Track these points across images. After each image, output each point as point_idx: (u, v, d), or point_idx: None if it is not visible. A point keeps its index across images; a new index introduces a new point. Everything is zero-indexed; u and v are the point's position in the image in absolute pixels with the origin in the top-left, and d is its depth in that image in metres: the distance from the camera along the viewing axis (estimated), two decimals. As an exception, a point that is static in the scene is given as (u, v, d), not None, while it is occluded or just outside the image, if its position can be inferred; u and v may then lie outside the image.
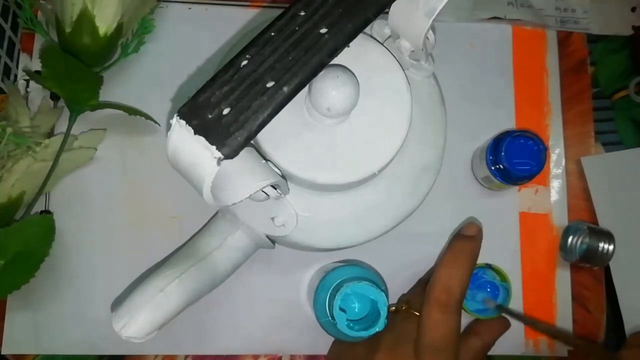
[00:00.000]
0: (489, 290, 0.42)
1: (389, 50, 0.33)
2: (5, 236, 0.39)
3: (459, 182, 0.47)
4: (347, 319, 0.36)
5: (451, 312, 0.36)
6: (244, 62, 0.26)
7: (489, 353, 0.42)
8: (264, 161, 0.30)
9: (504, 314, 0.42)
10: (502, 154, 0.43)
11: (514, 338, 0.45)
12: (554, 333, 0.45)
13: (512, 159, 0.43)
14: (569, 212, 0.48)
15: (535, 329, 0.45)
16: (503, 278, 0.42)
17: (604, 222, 0.47)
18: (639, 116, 0.50)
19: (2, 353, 0.42)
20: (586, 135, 0.49)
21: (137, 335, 0.34)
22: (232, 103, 0.25)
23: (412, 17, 0.31)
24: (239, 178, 0.28)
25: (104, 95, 0.43)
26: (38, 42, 0.47)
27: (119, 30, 0.43)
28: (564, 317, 0.46)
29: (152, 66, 0.47)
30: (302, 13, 0.27)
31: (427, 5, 0.30)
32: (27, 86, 0.46)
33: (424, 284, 0.39)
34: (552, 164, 0.48)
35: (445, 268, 0.37)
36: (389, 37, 0.35)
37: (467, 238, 0.39)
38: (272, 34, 0.26)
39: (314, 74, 0.26)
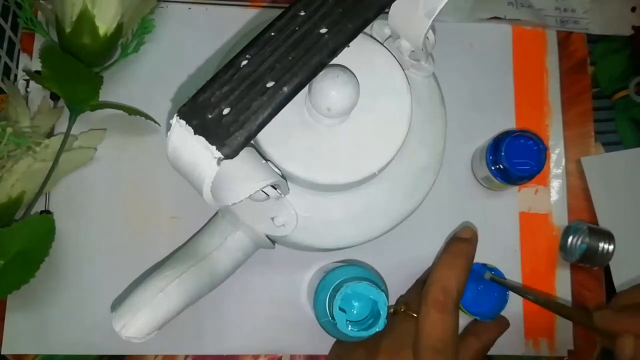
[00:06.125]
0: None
1: (389, 50, 0.33)
2: (5, 236, 0.39)
3: (459, 182, 0.47)
4: (347, 319, 0.36)
5: (449, 312, 0.36)
6: (244, 62, 0.26)
7: (489, 353, 0.42)
8: (264, 161, 0.30)
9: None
10: (502, 154, 0.43)
11: (514, 338, 0.45)
12: (549, 306, 0.43)
13: (512, 159, 0.43)
14: (569, 212, 0.48)
15: (531, 300, 0.43)
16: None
17: (604, 222, 0.47)
18: (639, 116, 0.50)
19: (2, 353, 0.42)
20: (586, 135, 0.49)
21: (137, 335, 0.34)
22: (232, 103, 0.25)
23: (412, 17, 0.31)
24: (239, 178, 0.28)
25: (104, 95, 0.43)
26: (38, 42, 0.47)
27: (119, 30, 0.43)
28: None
29: (152, 66, 0.47)
30: (302, 13, 0.27)
31: (427, 5, 0.30)
32: (27, 86, 0.46)
33: (421, 284, 0.39)
34: (552, 164, 0.48)
35: (442, 269, 0.38)
36: (389, 37, 0.35)
37: (463, 240, 0.40)
38: (272, 34, 0.26)
39: (314, 74, 0.26)
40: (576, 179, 0.48)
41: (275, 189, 0.30)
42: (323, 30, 0.26)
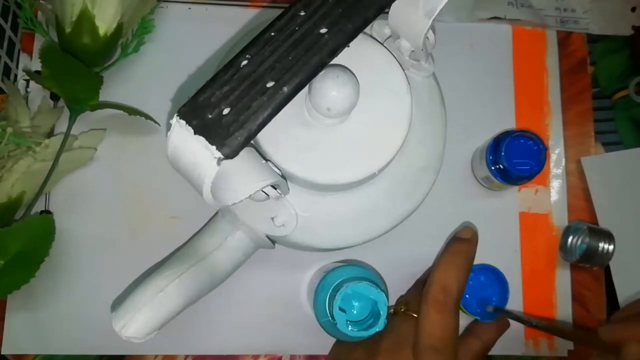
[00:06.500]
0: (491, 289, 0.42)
1: (389, 50, 0.33)
2: (5, 236, 0.39)
3: (459, 182, 0.47)
4: (347, 319, 0.36)
5: (449, 312, 0.36)
6: (244, 62, 0.26)
7: (489, 353, 0.42)
8: (264, 161, 0.30)
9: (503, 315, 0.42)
10: (502, 154, 0.43)
11: (514, 338, 0.45)
12: (553, 330, 0.45)
13: (512, 159, 0.43)
14: (569, 212, 0.48)
15: (535, 327, 0.45)
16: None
17: (604, 222, 0.47)
18: (639, 116, 0.50)
19: (2, 353, 0.42)
20: (586, 135, 0.49)
21: (137, 335, 0.34)
22: (232, 103, 0.25)
23: (412, 17, 0.31)
24: (239, 178, 0.28)
25: (104, 95, 0.43)
26: (38, 42, 0.47)
27: (119, 30, 0.43)
28: (564, 317, 0.46)
29: (152, 66, 0.47)
30: (302, 13, 0.27)
31: (427, 5, 0.30)
32: (27, 86, 0.46)
33: (421, 284, 0.39)
34: (552, 164, 0.48)
35: (442, 269, 0.38)
36: (389, 37, 0.35)
37: (463, 240, 0.40)
38: (272, 34, 0.26)
39: (314, 74, 0.26)
40: (576, 179, 0.48)
41: (275, 189, 0.30)
42: (323, 30, 0.26)
